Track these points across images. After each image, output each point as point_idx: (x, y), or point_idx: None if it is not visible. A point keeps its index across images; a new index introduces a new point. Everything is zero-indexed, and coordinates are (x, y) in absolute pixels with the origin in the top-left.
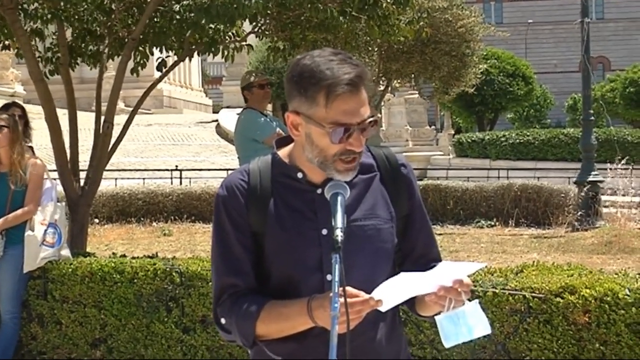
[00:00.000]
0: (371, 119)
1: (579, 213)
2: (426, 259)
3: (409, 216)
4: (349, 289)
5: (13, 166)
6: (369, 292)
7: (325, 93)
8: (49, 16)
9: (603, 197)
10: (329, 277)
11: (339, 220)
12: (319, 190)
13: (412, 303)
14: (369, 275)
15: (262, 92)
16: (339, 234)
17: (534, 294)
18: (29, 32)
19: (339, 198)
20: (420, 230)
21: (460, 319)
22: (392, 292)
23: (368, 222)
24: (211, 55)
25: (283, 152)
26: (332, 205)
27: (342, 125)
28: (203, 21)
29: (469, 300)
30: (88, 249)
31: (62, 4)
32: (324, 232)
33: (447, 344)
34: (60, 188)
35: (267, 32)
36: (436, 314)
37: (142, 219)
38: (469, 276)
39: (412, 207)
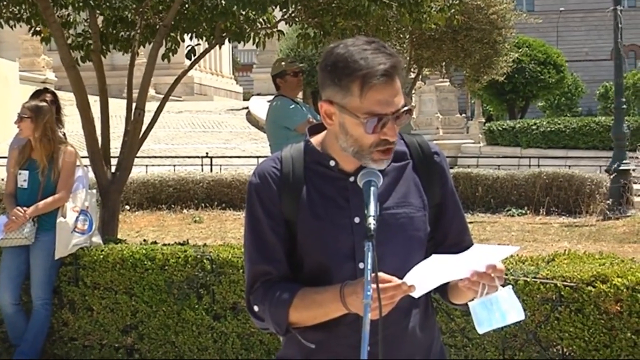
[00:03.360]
0: (405, 108)
1: (610, 201)
2: (459, 247)
3: (441, 204)
4: (381, 274)
5: (38, 157)
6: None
7: (360, 83)
8: (81, 3)
9: (635, 186)
10: (361, 265)
11: (372, 208)
12: (352, 178)
13: (444, 291)
14: (401, 263)
15: (295, 80)
16: (371, 222)
17: (565, 283)
18: (61, 20)
19: (372, 186)
20: (453, 218)
21: (494, 304)
22: (425, 277)
23: (400, 210)
24: (242, 42)
25: (315, 140)
26: (364, 193)
27: (376, 116)
28: (234, 8)
29: (502, 285)
30: (119, 236)
31: None
32: (357, 220)
33: (481, 329)
34: (91, 175)
35: (297, 19)
36: (469, 301)
37: (172, 206)
38: (501, 261)
39: (445, 195)
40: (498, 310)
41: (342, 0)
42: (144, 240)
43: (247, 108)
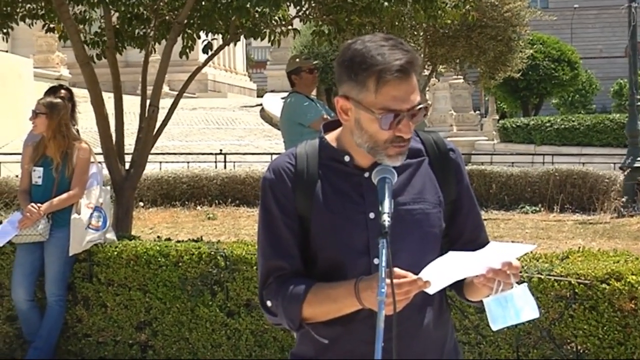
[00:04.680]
0: (421, 106)
1: (624, 199)
2: (474, 244)
3: (457, 201)
4: (396, 270)
5: (52, 153)
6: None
7: (375, 79)
8: (96, 0)
9: None
10: (376, 260)
11: (386, 205)
12: (367, 174)
13: (459, 287)
14: (416, 259)
15: (310, 77)
16: (386, 219)
17: (579, 280)
18: (75, 17)
19: (387, 183)
20: (468, 215)
21: (509, 301)
22: (440, 273)
23: (416, 206)
24: (256, 39)
25: (330, 136)
26: (379, 190)
27: (391, 112)
28: (248, 5)
29: (518, 283)
30: (133, 232)
31: None
32: (371, 215)
33: (495, 326)
34: (105, 171)
35: (311, 16)
36: (483, 298)
37: (186, 202)
38: (517, 259)
39: (460, 192)
40: (513, 308)
41: None
42: (158, 236)
43: (260, 105)
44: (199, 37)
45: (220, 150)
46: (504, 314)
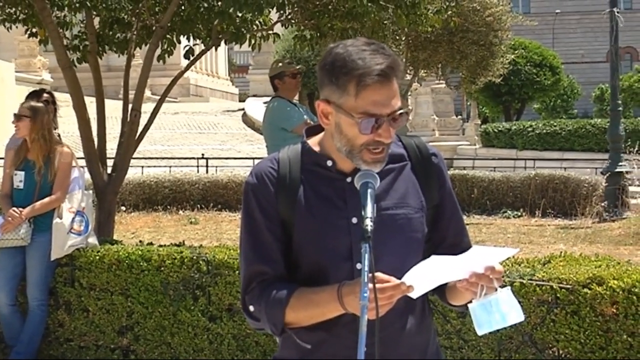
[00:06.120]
0: (401, 111)
1: (605, 204)
2: (457, 249)
3: (439, 205)
4: (379, 274)
5: (34, 157)
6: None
7: (355, 83)
8: (77, 4)
9: (631, 189)
10: (358, 265)
11: (369, 209)
12: (349, 179)
13: (442, 292)
14: (399, 264)
15: (293, 81)
16: (368, 224)
17: (561, 285)
18: (57, 21)
19: (369, 187)
20: (451, 220)
21: (494, 306)
22: (423, 277)
23: (399, 211)
24: (238, 44)
25: (313, 141)
26: (361, 194)
27: (371, 116)
28: (231, 10)
29: (501, 287)
30: (115, 237)
31: None
32: (354, 220)
33: (481, 331)
34: (87, 176)
35: (294, 21)
36: (467, 303)
37: (168, 207)
38: (500, 263)
39: (443, 196)
40: (498, 312)
41: (338, 1)
42: (140, 241)
43: (243, 109)
44: (180, 42)
45: (202, 154)
46: (489, 319)
